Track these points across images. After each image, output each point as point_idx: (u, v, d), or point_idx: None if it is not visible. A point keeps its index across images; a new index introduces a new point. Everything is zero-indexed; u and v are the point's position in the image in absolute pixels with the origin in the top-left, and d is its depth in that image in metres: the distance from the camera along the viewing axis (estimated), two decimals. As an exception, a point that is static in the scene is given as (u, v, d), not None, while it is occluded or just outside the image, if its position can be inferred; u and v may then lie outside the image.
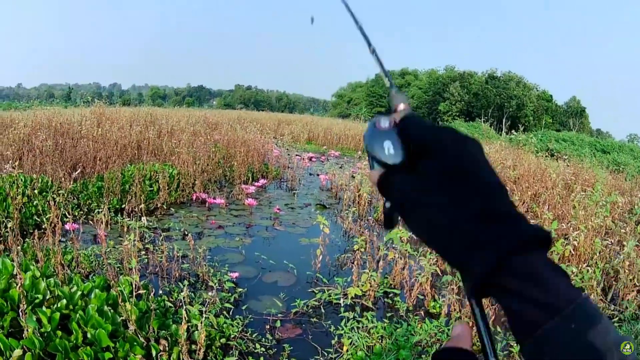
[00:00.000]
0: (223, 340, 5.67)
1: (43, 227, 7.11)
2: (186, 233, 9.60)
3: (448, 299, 6.76)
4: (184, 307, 4.82)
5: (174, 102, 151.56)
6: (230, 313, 6.50)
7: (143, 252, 8.03)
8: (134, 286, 4.94)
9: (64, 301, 4.71)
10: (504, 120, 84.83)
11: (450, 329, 6.20)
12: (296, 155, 21.92)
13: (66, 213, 7.47)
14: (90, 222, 8.86)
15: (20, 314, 4.13)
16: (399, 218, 0.89)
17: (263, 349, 5.76)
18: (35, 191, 9.75)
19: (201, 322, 5.00)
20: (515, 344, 5.92)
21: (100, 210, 8.33)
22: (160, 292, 6.53)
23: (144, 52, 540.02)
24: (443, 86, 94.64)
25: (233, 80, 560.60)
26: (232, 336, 5.84)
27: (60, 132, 15.56)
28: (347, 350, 5.67)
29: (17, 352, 3.99)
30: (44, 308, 4.45)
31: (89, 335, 4.34)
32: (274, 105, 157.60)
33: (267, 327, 6.32)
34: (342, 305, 6.98)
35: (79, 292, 5.00)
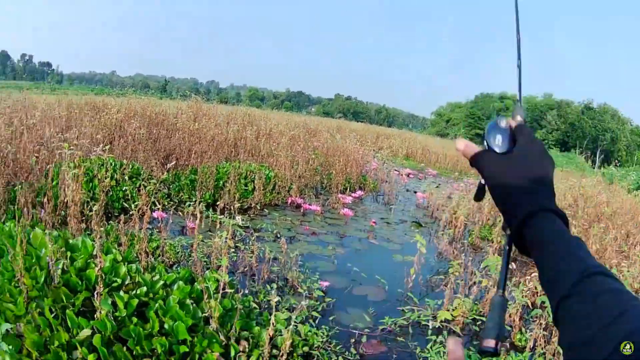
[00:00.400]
0: (305, 348, 5.49)
1: (130, 212, 7.00)
2: (279, 236, 9.53)
3: (535, 333, 6.41)
4: (272, 311, 4.66)
5: (272, 104, 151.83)
6: (316, 322, 6.34)
7: (232, 250, 8.00)
8: (221, 283, 4.81)
9: (144, 288, 4.62)
10: (597, 153, 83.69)
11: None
12: (394, 170, 21.72)
13: (156, 201, 7.50)
14: (180, 213, 8.90)
15: (96, 295, 4.03)
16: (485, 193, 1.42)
17: None
18: (125, 176, 9.77)
19: (288, 329, 4.82)
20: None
21: (192, 202, 8.26)
22: (247, 291, 6.41)
23: (245, 53, 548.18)
24: (540, 113, 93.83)
25: (333, 89, 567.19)
26: (316, 346, 5.65)
27: (155, 122, 15.80)
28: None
29: (86, 331, 3.90)
30: (121, 293, 4.36)
31: (166, 326, 4.23)
32: (372, 118, 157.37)
33: (352, 340, 6.15)
34: (430, 327, 6.69)
35: (161, 282, 4.92)
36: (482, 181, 1.35)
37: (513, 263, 8.09)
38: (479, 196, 1.48)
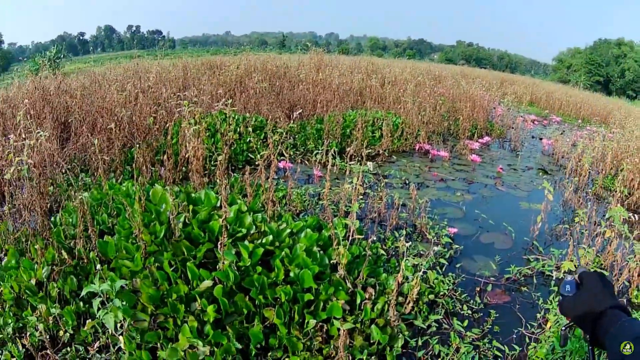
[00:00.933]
0: (431, 296, 5.55)
1: (255, 163, 7.21)
2: (407, 182, 9.75)
3: (653, 292, 6.22)
4: (402, 258, 4.75)
5: (394, 53, 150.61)
6: (443, 269, 6.42)
7: (361, 197, 7.98)
8: (350, 230, 4.86)
9: (270, 237, 4.69)
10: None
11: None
12: (519, 116, 21.23)
13: (282, 151, 7.60)
14: (306, 162, 9.02)
15: (219, 246, 4.10)
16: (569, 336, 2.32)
17: (469, 312, 5.60)
18: (249, 129, 9.93)
19: (416, 276, 4.84)
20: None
21: (318, 151, 8.33)
22: (374, 238, 6.34)
23: (362, 2, 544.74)
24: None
25: (455, 35, 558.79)
26: (441, 293, 5.72)
27: (277, 75, 15.95)
28: (550, 327, 5.29)
29: (207, 282, 4.00)
30: (246, 242, 4.42)
31: (291, 275, 4.32)
32: (495, 64, 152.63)
33: (477, 289, 6.17)
34: (553, 278, 6.65)
35: (288, 230, 5.00)
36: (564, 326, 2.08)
37: (636, 214, 7.82)
38: (564, 342, 2.12)
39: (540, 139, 18.03)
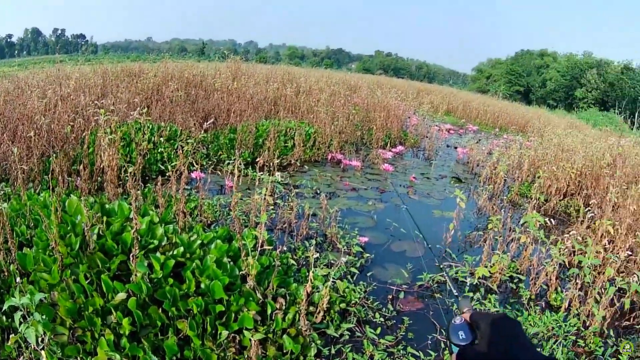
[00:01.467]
0: (343, 305, 5.58)
1: (167, 174, 7.12)
2: (318, 192, 9.76)
3: (571, 293, 6.42)
4: (310, 268, 4.71)
5: (311, 62, 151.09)
6: (354, 278, 6.46)
7: (272, 207, 8.10)
8: (258, 240, 4.85)
9: (181, 249, 4.70)
10: (636, 114, 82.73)
11: (568, 324, 5.91)
12: (435, 125, 21.55)
13: (193, 161, 7.58)
14: (218, 172, 9.05)
15: (131, 258, 4.08)
16: None
17: (382, 319, 5.64)
18: (162, 138, 9.89)
19: (325, 285, 4.86)
20: (623, 352, 5.70)
21: (230, 161, 8.33)
22: (284, 248, 6.51)
23: (283, 11, 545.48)
24: (580, 72, 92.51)
25: (373, 45, 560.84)
26: (353, 302, 5.76)
27: (193, 83, 15.87)
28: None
29: (121, 295, 3.97)
30: (158, 254, 4.44)
31: (202, 286, 4.33)
32: (413, 74, 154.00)
33: (389, 297, 6.23)
34: (467, 284, 6.78)
35: (199, 241, 5.01)
36: None
37: (552, 219, 8.05)
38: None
39: (455, 147, 18.38)
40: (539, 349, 5.38)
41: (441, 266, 6.63)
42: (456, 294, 2.18)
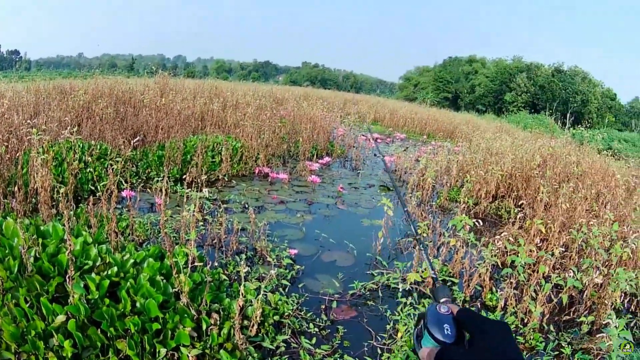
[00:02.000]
0: (277, 317, 5.64)
1: (98, 194, 7.03)
2: (247, 206, 9.71)
3: (506, 293, 6.61)
4: (241, 282, 4.76)
5: (239, 76, 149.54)
6: (286, 290, 6.49)
7: (201, 224, 8.10)
8: (189, 257, 4.88)
9: (115, 268, 4.67)
10: (568, 115, 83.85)
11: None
12: (361, 135, 21.72)
13: (123, 180, 7.48)
14: (149, 190, 8.97)
15: (68, 279, 4.06)
16: None
17: (316, 329, 5.71)
18: (93, 157, 9.76)
19: (257, 299, 4.92)
20: (565, 345, 6.02)
21: (159, 179, 8.33)
22: (216, 264, 6.51)
23: (211, 24, 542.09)
24: (510, 76, 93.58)
25: (300, 57, 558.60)
26: (286, 314, 5.80)
27: (122, 100, 15.72)
28: (402, 337, 5.52)
29: (61, 317, 3.96)
30: (93, 275, 4.42)
31: (138, 305, 4.30)
32: (340, 85, 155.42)
33: (323, 307, 6.29)
34: (400, 290, 6.84)
35: (132, 260, 4.99)
36: None
37: (482, 221, 8.25)
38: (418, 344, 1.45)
39: (383, 156, 18.28)
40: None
41: (373, 273, 6.78)
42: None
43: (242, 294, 4.66)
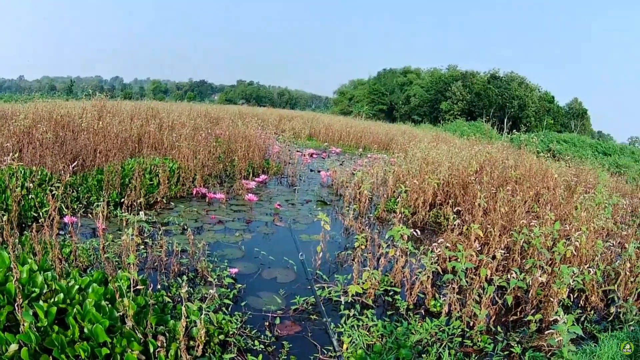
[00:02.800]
0: (222, 336, 5.64)
1: (41, 220, 6.98)
2: (185, 228, 9.69)
3: (449, 298, 6.73)
4: (183, 303, 4.78)
5: (175, 96, 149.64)
6: (229, 309, 6.51)
7: (142, 247, 8.03)
8: (132, 281, 4.93)
9: (61, 295, 4.69)
10: (505, 120, 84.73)
11: (451, 328, 6.20)
12: (297, 151, 22.06)
13: (64, 206, 7.51)
14: (90, 215, 8.87)
15: (17, 308, 4.08)
16: None
17: (262, 346, 5.75)
18: (34, 183, 9.71)
19: (200, 319, 4.97)
20: (515, 344, 6.13)
21: (99, 203, 8.33)
22: (159, 287, 6.55)
23: (147, 45, 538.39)
24: (445, 85, 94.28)
25: (235, 75, 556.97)
26: (231, 333, 5.82)
27: (61, 124, 15.54)
28: (347, 349, 5.65)
29: (13, 346, 3.99)
30: (40, 302, 4.44)
31: (86, 330, 4.32)
32: (275, 101, 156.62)
33: (266, 323, 6.33)
34: (342, 302, 6.95)
35: (77, 286, 4.98)
36: None
37: (419, 231, 8.41)
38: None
39: (319, 171, 18.81)
40: (423, 355, 5.71)
41: (316, 287, 6.88)
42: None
43: (185, 315, 4.72)
